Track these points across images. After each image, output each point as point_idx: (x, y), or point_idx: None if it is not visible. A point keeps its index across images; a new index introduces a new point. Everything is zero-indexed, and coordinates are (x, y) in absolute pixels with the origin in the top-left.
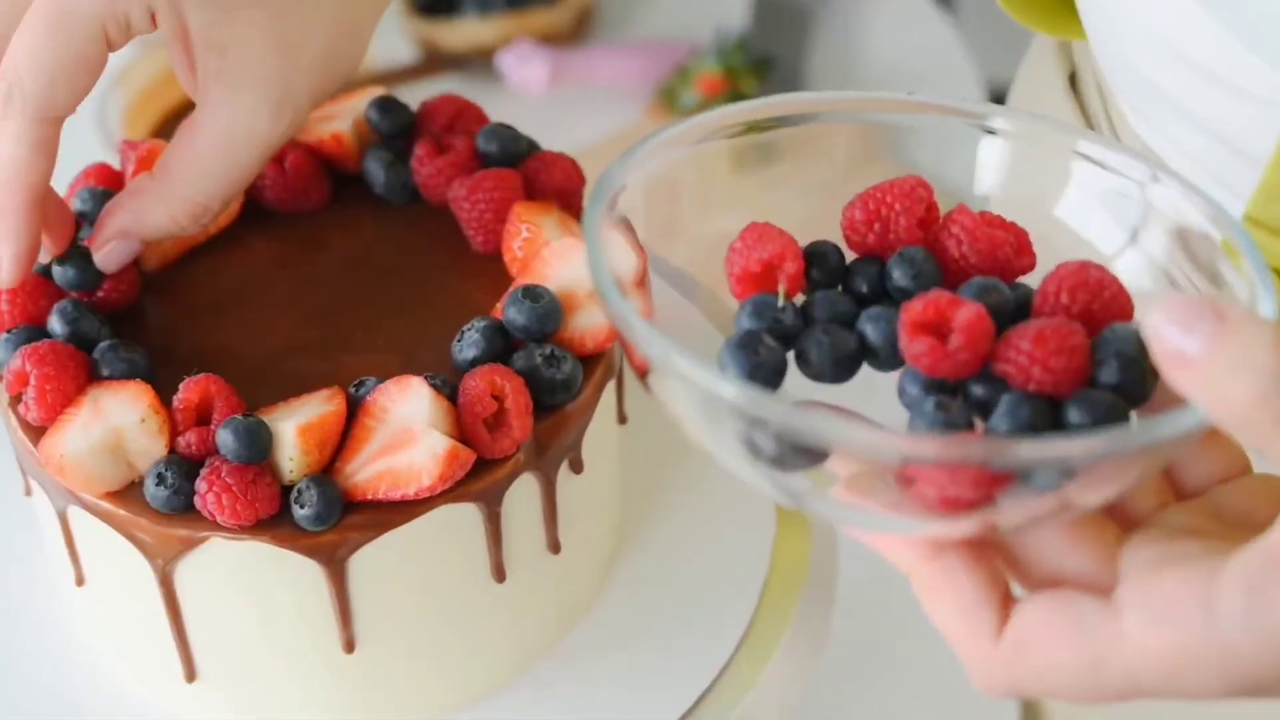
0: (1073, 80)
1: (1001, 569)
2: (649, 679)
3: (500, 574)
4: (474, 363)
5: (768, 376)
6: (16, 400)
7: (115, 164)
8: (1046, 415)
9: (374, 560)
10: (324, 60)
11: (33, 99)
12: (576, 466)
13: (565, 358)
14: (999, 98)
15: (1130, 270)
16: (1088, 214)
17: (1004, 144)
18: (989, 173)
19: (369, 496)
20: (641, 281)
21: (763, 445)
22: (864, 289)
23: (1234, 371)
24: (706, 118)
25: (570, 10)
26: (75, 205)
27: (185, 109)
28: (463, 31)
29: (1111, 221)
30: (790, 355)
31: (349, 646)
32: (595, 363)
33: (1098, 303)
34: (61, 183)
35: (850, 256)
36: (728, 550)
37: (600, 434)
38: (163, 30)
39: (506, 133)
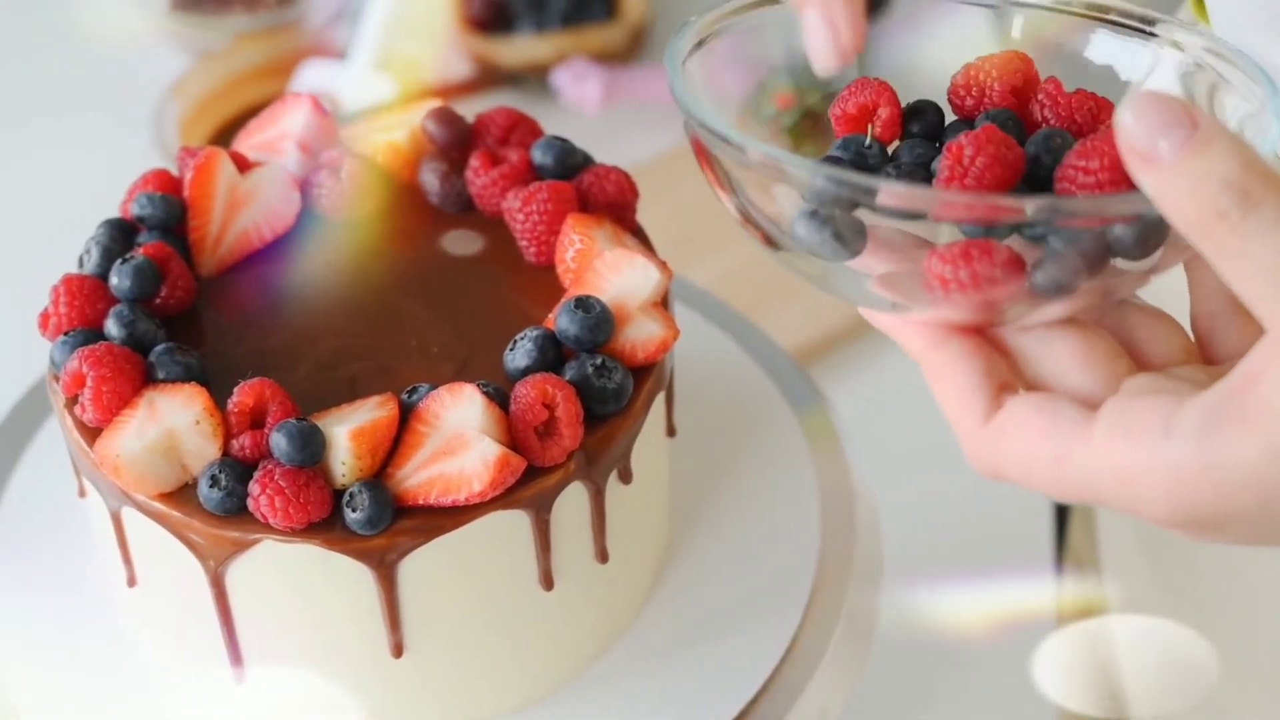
0: None
1: (1005, 368)
2: (694, 689)
3: (548, 582)
4: (526, 371)
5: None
6: (73, 401)
7: (173, 171)
8: (1090, 233)
9: (424, 565)
10: None
11: None
12: (625, 476)
13: (616, 368)
14: None
15: None
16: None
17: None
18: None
19: (420, 502)
20: None
21: (815, 228)
22: None
23: (1199, 180)
24: None
25: (625, 28)
26: (134, 211)
27: (240, 119)
28: (518, 48)
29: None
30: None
31: (398, 651)
32: (646, 374)
33: None
34: (119, 189)
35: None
36: (774, 561)
37: (649, 445)
38: None
39: (561, 145)
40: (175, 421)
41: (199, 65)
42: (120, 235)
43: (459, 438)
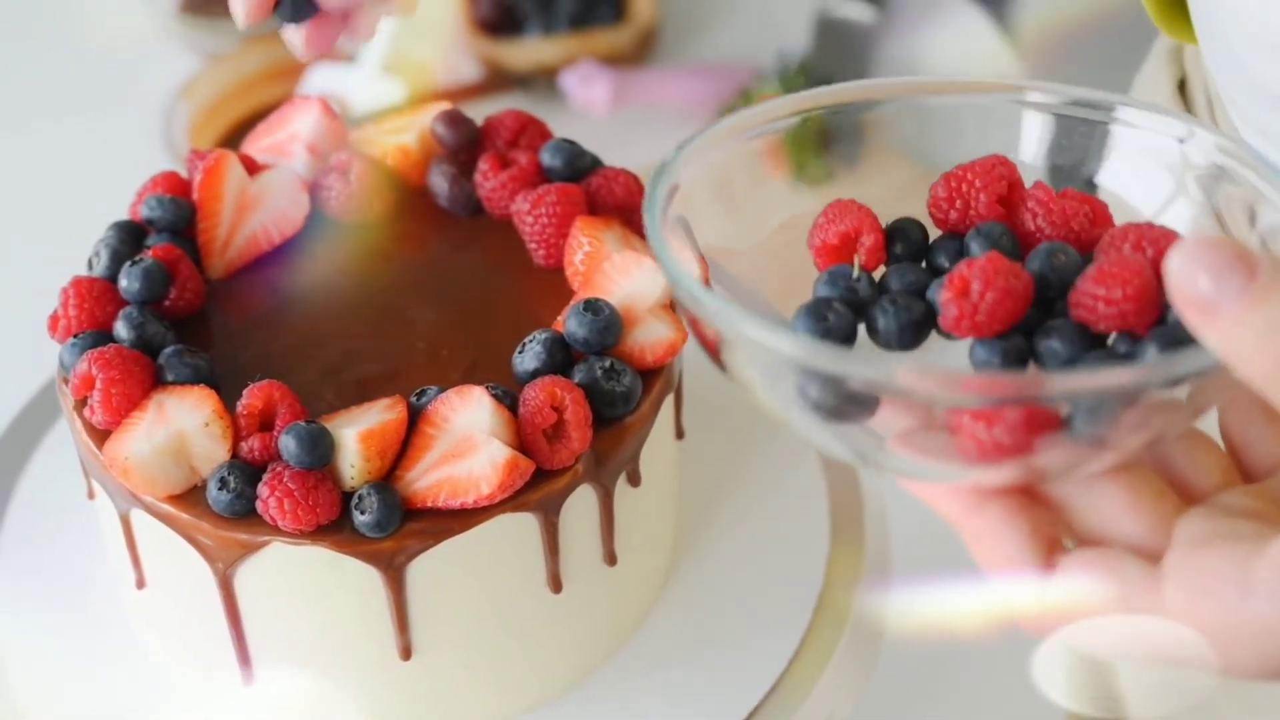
0: (1181, 87)
1: (1050, 522)
2: (703, 691)
3: (557, 584)
4: (534, 374)
5: (837, 342)
6: (82, 404)
7: (182, 174)
8: (1120, 362)
9: (432, 568)
10: None
11: None
12: (634, 479)
13: (625, 371)
14: None
15: (1176, 224)
16: (1126, 177)
17: (1042, 117)
18: (1029, 146)
19: (428, 504)
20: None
21: (819, 398)
22: (945, 264)
23: (1268, 329)
24: (762, 108)
25: (633, 31)
26: (143, 213)
27: (249, 122)
28: (526, 51)
29: (1151, 181)
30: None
31: (406, 653)
32: (654, 377)
33: (1159, 251)
34: (128, 191)
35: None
36: (782, 564)
37: (658, 448)
38: None
39: (570, 148)
40: (184, 424)
41: (208, 67)
42: (129, 237)
43: (468, 440)
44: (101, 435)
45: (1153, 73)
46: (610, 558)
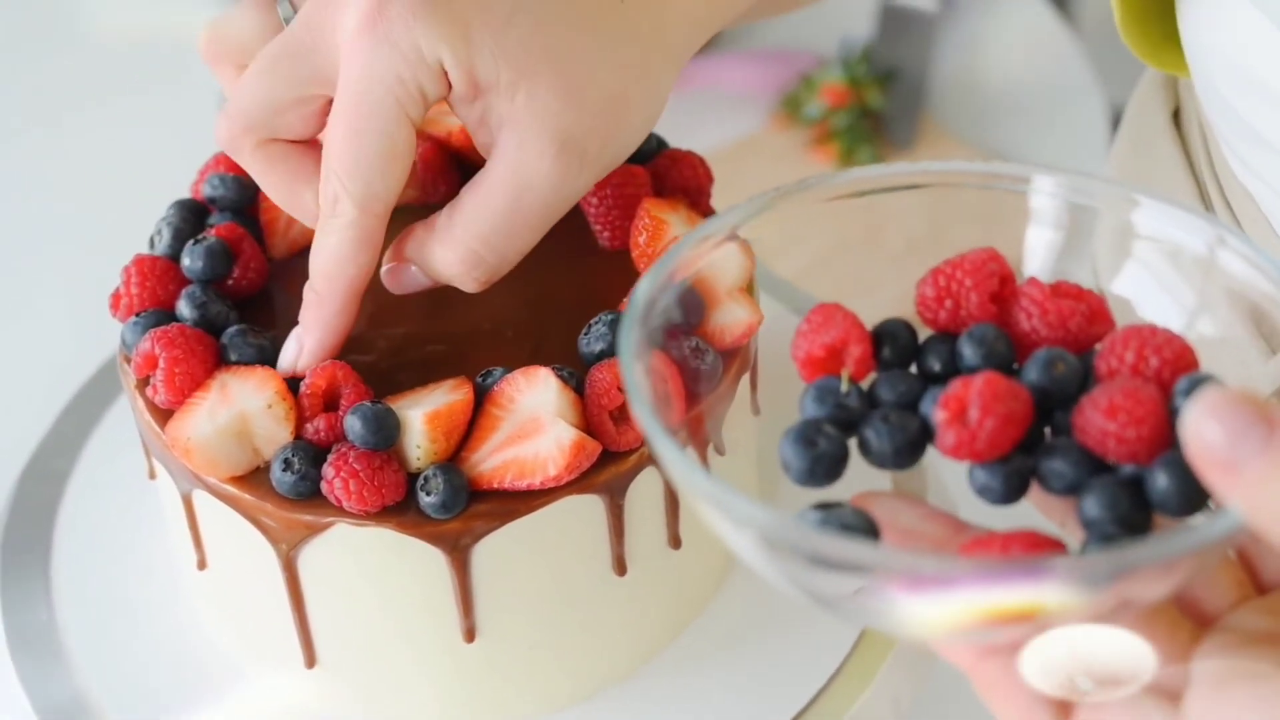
0: (1176, 116)
1: None
2: (764, 677)
3: (621, 567)
4: (601, 356)
5: (828, 468)
6: (144, 383)
7: None
8: (1127, 494)
9: (497, 550)
10: (611, 104)
11: (354, 197)
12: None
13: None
14: (1120, 117)
15: (1194, 340)
16: (1146, 286)
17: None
18: (1039, 252)
19: (494, 485)
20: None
21: (807, 583)
22: (936, 368)
23: None
24: (748, 206)
25: None
26: (205, 191)
27: None
28: None
29: (1172, 292)
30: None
31: (470, 636)
32: (730, 358)
33: (1163, 360)
34: (189, 170)
35: (926, 334)
36: None
37: (727, 429)
38: (456, 89)
39: None
40: (248, 404)
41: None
42: (191, 216)
43: (534, 421)
44: (164, 415)
45: (1145, 102)
46: (675, 541)
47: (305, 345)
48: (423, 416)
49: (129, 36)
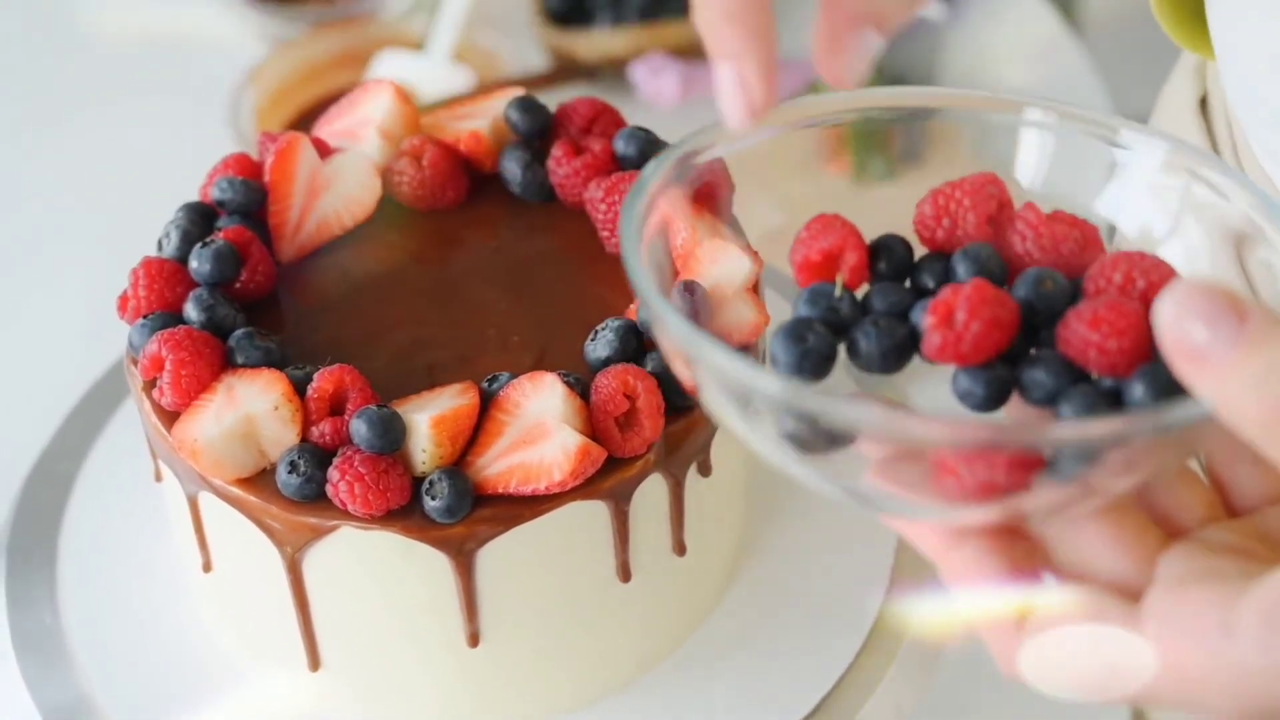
0: (1203, 103)
1: (1029, 558)
2: (770, 682)
3: (626, 573)
4: (607, 362)
5: (815, 364)
6: (151, 385)
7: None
8: (1105, 403)
9: (502, 554)
10: None
11: None
12: (705, 469)
13: None
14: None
15: (1173, 260)
16: (1127, 207)
17: (1044, 138)
18: (1028, 169)
19: (499, 490)
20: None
21: (793, 430)
22: (930, 284)
23: (1258, 380)
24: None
25: None
26: (214, 195)
27: (316, 108)
28: (596, 42)
29: (1151, 213)
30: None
31: (474, 640)
32: None
33: (1150, 283)
34: (196, 174)
35: (922, 253)
36: (850, 556)
37: (728, 438)
38: None
39: (644, 136)
40: (254, 407)
41: (276, 53)
42: (199, 219)
43: (540, 427)
44: (170, 417)
45: (1176, 89)
46: (679, 547)
47: (744, 75)
48: (428, 420)
49: (138, 38)
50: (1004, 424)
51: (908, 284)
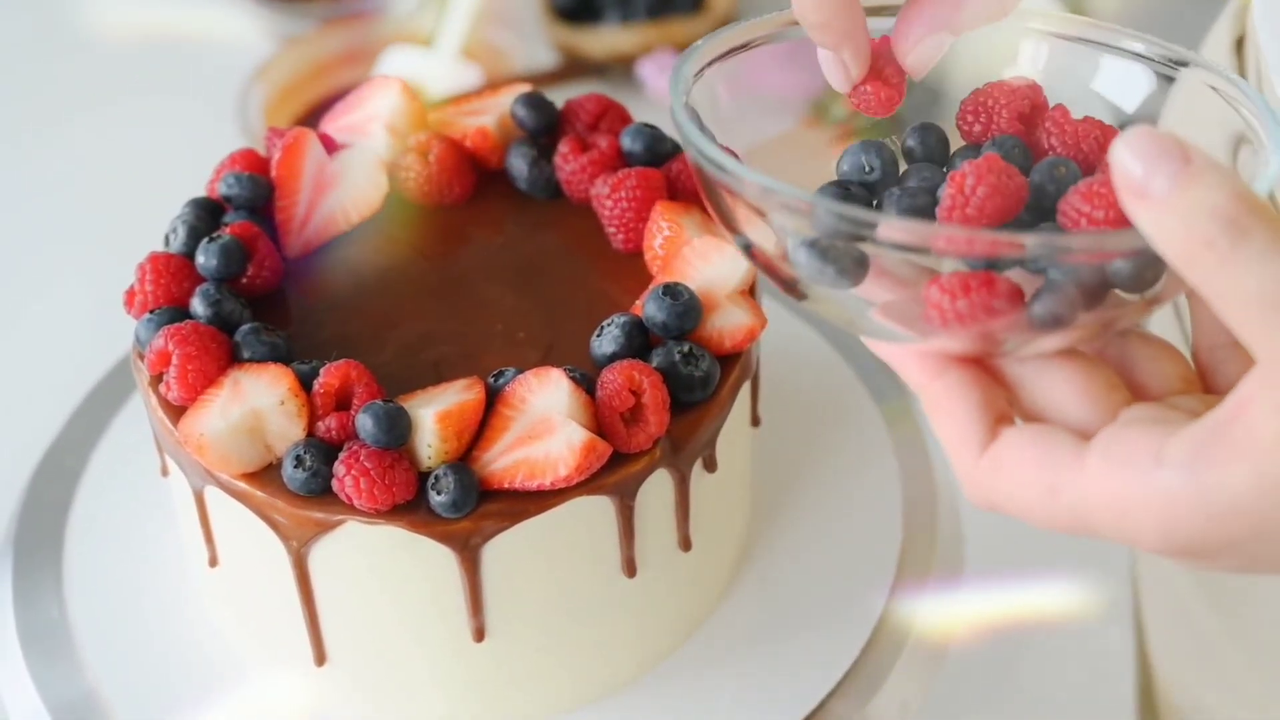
0: (1240, 44)
1: (1003, 398)
2: (775, 679)
3: (631, 569)
4: (612, 358)
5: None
6: (157, 380)
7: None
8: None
9: (507, 549)
10: None
11: None
12: (710, 465)
13: (703, 356)
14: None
15: None
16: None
17: (1044, 41)
18: (1025, 68)
19: (505, 485)
20: None
21: (802, 259)
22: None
23: (1189, 212)
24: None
25: (711, 21)
26: (221, 190)
27: (323, 105)
28: (603, 39)
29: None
30: None
31: (479, 635)
32: (732, 363)
33: None
34: (204, 170)
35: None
36: (854, 553)
37: (734, 434)
38: None
39: (651, 132)
40: (260, 401)
41: (284, 50)
42: (206, 214)
43: (545, 422)
44: (177, 411)
45: (1219, 31)
46: (685, 543)
47: (842, 59)
48: (434, 416)
49: (147, 36)
50: (984, 232)
51: (944, 170)
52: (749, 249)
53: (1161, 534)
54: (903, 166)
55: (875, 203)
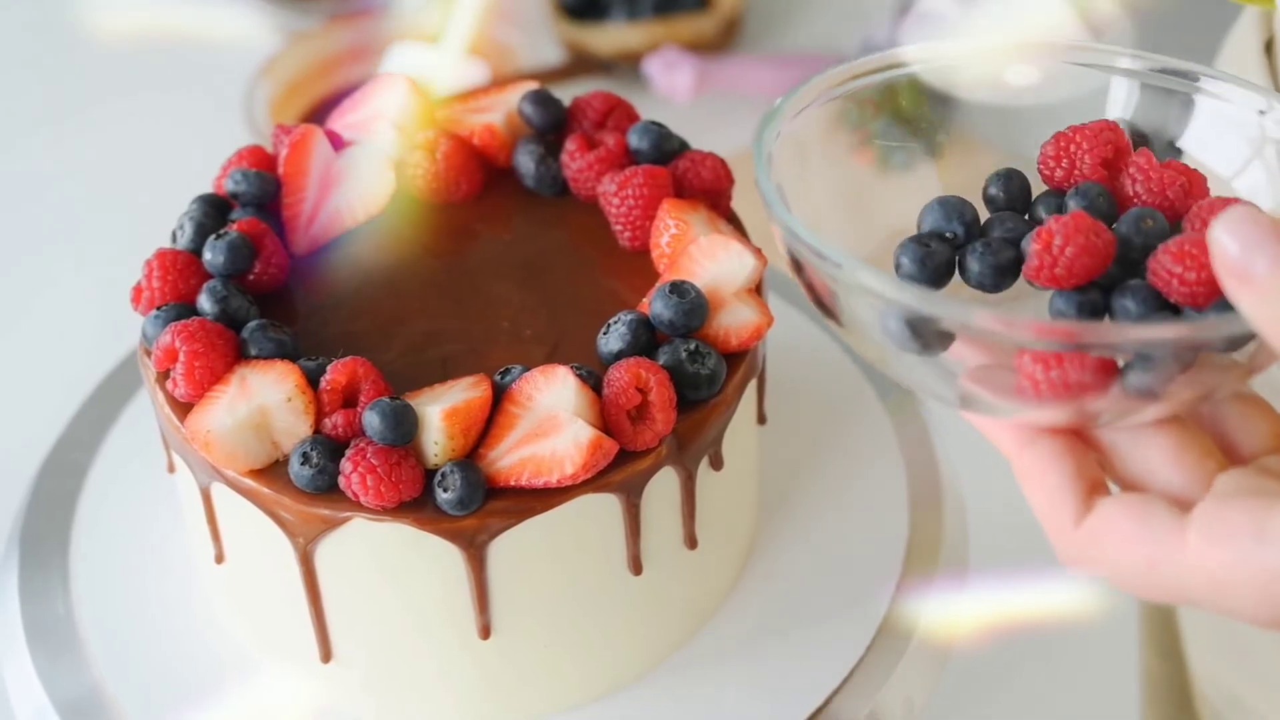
0: (1269, 47)
1: (1095, 465)
2: (781, 675)
3: (637, 566)
4: (619, 355)
5: (934, 270)
6: (164, 376)
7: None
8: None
9: (513, 547)
10: None
11: None
12: (716, 463)
13: (710, 354)
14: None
15: (1250, 192)
16: (1207, 144)
17: (1128, 84)
18: (1114, 113)
19: (511, 483)
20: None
21: (898, 329)
22: (1044, 217)
23: None
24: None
25: (718, 19)
26: (228, 187)
27: (330, 101)
28: (610, 36)
29: (1229, 150)
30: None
31: (485, 632)
32: (739, 360)
33: None
34: (210, 167)
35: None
36: (860, 550)
37: (740, 432)
38: None
39: (658, 130)
40: (267, 398)
41: (290, 47)
42: (213, 211)
43: (552, 420)
44: (183, 408)
45: (1243, 32)
46: (691, 541)
47: None
48: (441, 413)
49: (154, 33)
50: (1079, 324)
51: (1026, 216)
52: (832, 314)
53: (1265, 609)
54: (983, 213)
55: (959, 256)
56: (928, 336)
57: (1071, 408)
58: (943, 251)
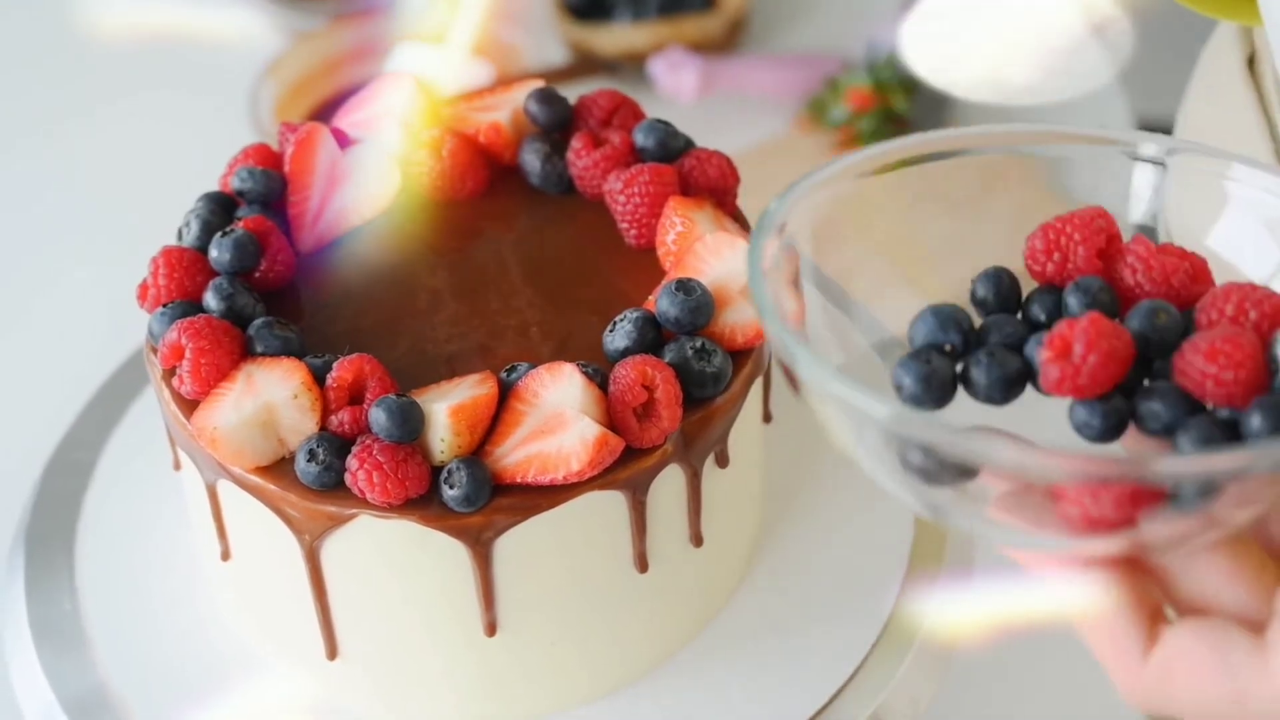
0: (1251, 62)
1: (1151, 590)
2: (786, 673)
3: (643, 564)
4: (625, 353)
5: (938, 387)
6: (170, 373)
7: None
8: (1223, 433)
9: (519, 544)
10: None
11: None
12: (722, 460)
13: (716, 351)
14: (1147, 128)
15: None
16: (1242, 240)
17: (1156, 172)
18: (1142, 202)
19: (517, 480)
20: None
21: (915, 461)
22: (1041, 317)
23: None
24: (863, 155)
25: (722, 19)
26: (234, 184)
27: (335, 101)
28: (615, 36)
29: (1265, 246)
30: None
31: (491, 629)
32: (744, 358)
33: (1262, 314)
34: (215, 166)
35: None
36: (866, 548)
37: (746, 429)
38: None
39: (664, 128)
40: (273, 395)
41: (295, 46)
42: (219, 209)
43: (558, 417)
44: (190, 405)
45: (1220, 48)
46: (696, 538)
47: None
48: (447, 410)
49: (159, 32)
50: (1130, 458)
51: (1019, 316)
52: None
53: None
54: (976, 318)
55: (961, 369)
56: (948, 469)
57: (1122, 539)
58: (944, 367)
